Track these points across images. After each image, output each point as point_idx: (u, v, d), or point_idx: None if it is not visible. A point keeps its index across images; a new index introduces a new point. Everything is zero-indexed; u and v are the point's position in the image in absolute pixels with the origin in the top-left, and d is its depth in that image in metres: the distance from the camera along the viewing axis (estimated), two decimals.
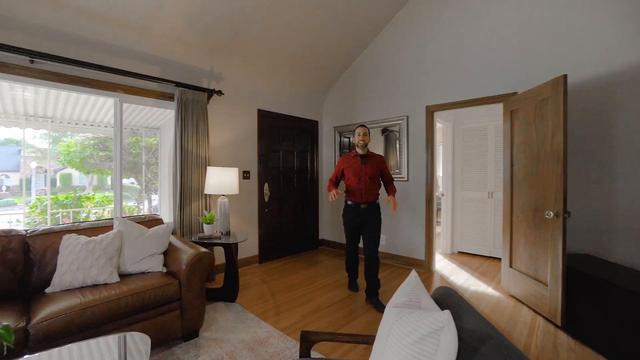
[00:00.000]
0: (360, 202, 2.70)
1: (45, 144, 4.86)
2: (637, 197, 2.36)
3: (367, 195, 2.70)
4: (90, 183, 7.76)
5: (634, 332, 1.76)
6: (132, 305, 1.73)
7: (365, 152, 2.78)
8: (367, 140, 2.75)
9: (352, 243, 2.86)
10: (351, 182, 2.74)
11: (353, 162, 2.78)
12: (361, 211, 2.71)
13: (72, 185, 7.50)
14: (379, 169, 2.76)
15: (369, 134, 2.80)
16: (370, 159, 2.76)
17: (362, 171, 2.71)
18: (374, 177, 2.72)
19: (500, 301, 2.76)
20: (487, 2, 3.10)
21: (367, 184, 2.70)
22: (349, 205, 2.79)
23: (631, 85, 2.36)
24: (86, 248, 1.84)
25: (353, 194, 2.74)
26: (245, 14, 2.88)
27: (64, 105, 3.66)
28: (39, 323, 1.47)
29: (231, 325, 2.27)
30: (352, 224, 2.78)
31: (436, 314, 0.80)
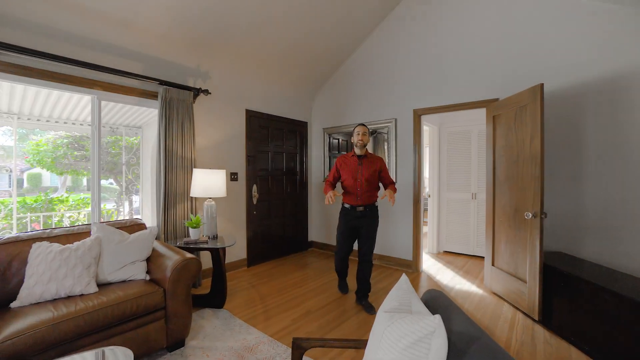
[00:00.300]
0: (357, 205, 2.60)
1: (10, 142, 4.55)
2: (603, 198, 2.51)
3: (363, 198, 2.59)
4: (63, 184, 7.37)
5: (600, 323, 1.87)
6: (112, 316, 1.64)
7: (364, 152, 2.66)
8: (366, 140, 2.62)
9: (346, 246, 2.74)
10: (347, 184, 2.64)
11: (350, 162, 2.67)
12: (357, 214, 2.61)
13: (43, 186, 7.10)
14: (377, 171, 2.63)
15: (369, 134, 2.68)
16: (368, 160, 2.64)
17: (358, 172, 2.60)
18: (371, 179, 2.60)
19: (483, 299, 2.85)
20: (471, 12, 3.20)
21: (364, 186, 2.58)
22: (345, 207, 2.70)
23: (598, 95, 2.53)
24: (60, 257, 1.73)
25: (349, 196, 2.64)
26: (233, 11, 2.82)
27: (33, 100, 3.44)
28: (3, 342, 1.33)
29: (219, 333, 2.21)
30: (347, 227, 2.67)
31: (427, 319, 0.81)
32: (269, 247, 4.13)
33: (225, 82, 3.51)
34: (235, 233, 3.67)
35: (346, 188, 2.66)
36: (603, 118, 2.52)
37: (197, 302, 2.66)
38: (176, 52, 2.98)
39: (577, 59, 2.62)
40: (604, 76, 2.50)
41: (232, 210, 3.64)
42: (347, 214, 2.67)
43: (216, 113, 3.45)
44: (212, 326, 2.31)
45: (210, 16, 2.77)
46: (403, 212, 3.72)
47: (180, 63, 3.05)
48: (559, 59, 2.70)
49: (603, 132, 2.52)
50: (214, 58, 3.27)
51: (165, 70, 2.95)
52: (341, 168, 2.69)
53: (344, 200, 2.70)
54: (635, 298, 1.66)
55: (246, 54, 3.40)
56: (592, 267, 2.27)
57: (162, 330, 1.89)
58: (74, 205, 4.92)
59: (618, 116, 2.46)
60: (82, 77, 2.44)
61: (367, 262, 2.63)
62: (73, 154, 5.05)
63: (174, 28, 2.75)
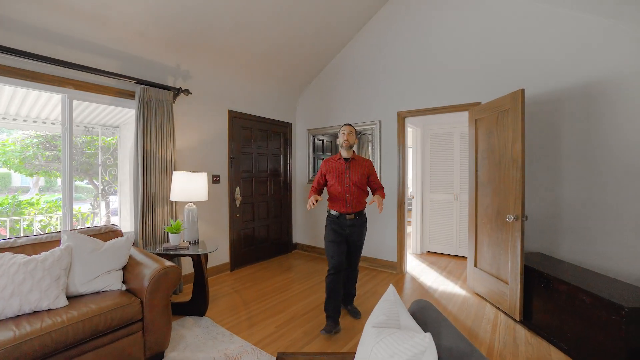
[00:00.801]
0: (346, 213, 2.36)
1: None
2: (578, 200, 2.61)
3: (352, 205, 2.36)
4: (35, 184, 6.95)
5: (577, 322, 1.93)
6: (83, 332, 1.54)
7: (351, 155, 2.43)
8: (353, 141, 2.40)
9: (339, 255, 2.34)
10: (334, 189, 2.39)
11: (336, 166, 2.43)
12: (347, 222, 2.36)
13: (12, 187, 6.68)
14: (366, 175, 2.43)
15: (355, 134, 2.45)
16: (355, 163, 2.42)
17: (346, 177, 2.37)
18: (359, 184, 2.38)
19: (466, 300, 2.90)
20: (455, 17, 3.24)
21: (352, 191, 2.36)
22: (332, 215, 2.42)
23: (574, 101, 2.62)
24: (24, 269, 1.60)
25: (337, 202, 2.39)
26: (215, 8, 2.72)
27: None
28: None
29: (200, 342, 2.13)
30: (336, 238, 2.36)
31: (417, 337, 0.79)
32: (252, 250, 4.05)
33: (206, 82, 3.40)
34: (218, 237, 3.57)
35: (333, 194, 2.41)
36: (578, 123, 2.62)
37: (178, 310, 2.56)
38: (155, 50, 2.85)
39: (555, 66, 2.70)
40: (580, 83, 2.59)
41: (215, 214, 3.54)
42: (335, 223, 2.39)
43: (197, 113, 3.33)
44: (193, 335, 2.22)
45: (191, 13, 2.67)
46: (387, 213, 3.74)
47: (159, 61, 2.93)
48: (539, 65, 2.78)
49: (578, 136, 2.62)
50: (195, 57, 3.16)
51: (143, 68, 2.82)
52: (327, 173, 2.45)
53: (331, 207, 2.43)
54: (609, 298, 1.73)
55: (229, 53, 3.30)
56: (569, 267, 2.35)
57: (139, 343, 1.80)
58: (45, 209, 4.64)
59: (591, 121, 2.56)
60: (51, 75, 2.29)
61: (354, 271, 2.55)
62: (44, 154, 4.75)
63: (152, 25, 2.63)
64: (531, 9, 2.80)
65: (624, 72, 2.43)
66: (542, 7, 2.74)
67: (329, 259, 2.37)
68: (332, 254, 2.35)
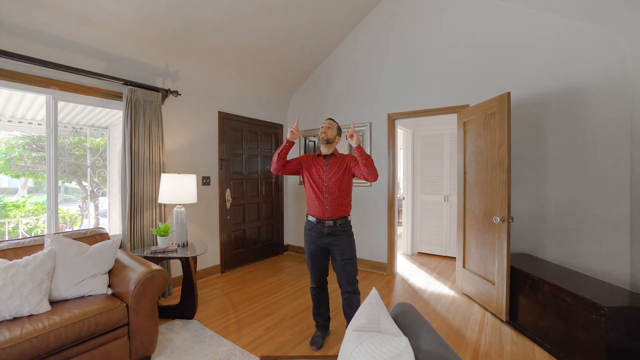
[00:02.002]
0: (324, 219, 2.02)
1: None
2: (562, 202, 2.68)
3: (332, 209, 2.02)
4: (23, 185, 6.81)
5: (560, 322, 1.97)
6: (65, 338, 1.52)
7: (331, 151, 2.12)
8: (330, 135, 2.07)
9: (318, 274, 2.15)
10: (311, 190, 2.08)
11: (315, 162, 2.12)
12: (326, 230, 2.03)
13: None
14: (349, 170, 2.05)
15: (336, 129, 2.13)
16: (336, 160, 2.09)
17: (324, 174, 2.06)
18: (342, 183, 2.03)
19: (455, 300, 2.93)
20: (444, 21, 3.28)
21: (333, 192, 2.02)
22: (309, 221, 2.11)
23: (558, 103, 2.68)
24: (4, 274, 1.56)
25: (314, 206, 2.07)
26: (204, 9, 2.71)
27: None
28: None
29: (188, 346, 2.12)
30: (314, 247, 2.09)
31: (394, 341, 0.81)
32: (243, 252, 4.03)
33: (196, 83, 3.37)
34: (208, 239, 3.55)
35: (310, 196, 2.11)
36: (563, 126, 2.68)
37: (166, 313, 2.54)
38: (143, 50, 2.82)
39: (541, 69, 2.76)
40: (564, 86, 2.65)
41: (204, 216, 3.51)
42: (313, 230, 2.08)
43: (187, 115, 3.31)
44: (181, 339, 2.21)
45: (179, 13, 2.65)
46: (378, 215, 3.76)
47: (147, 62, 2.90)
48: (525, 68, 2.83)
49: (563, 139, 2.68)
50: (184, 58, 3.13)
51: (130, 69, 2.79)
52: (305, 167, 2.13)
53: (308, 212, 2.14)
54: (590, 298, 1.77)
55: (218, 54, 3.29)
56: (553, 268, 2.40)
57: (125, 348, 1.78)
58: (31, 211, 4.54)
59: (575, 124, 2.62)
60: (35, 75, 2.25)
61: (352, 293, 2.05)
62: (30, 155, 4.66)
63: (140, 25, 2.60)
64: (517, 13, 2.85)
65: (604, 75, 2.49)
66: (528, 12, 2.80)
67: (310, 272, 2.16)
68: (310, 268, 2.14)
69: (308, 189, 2.13)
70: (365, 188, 3.86)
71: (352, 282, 2.05)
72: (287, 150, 2.04)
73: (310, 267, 2.16)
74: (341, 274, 2.06)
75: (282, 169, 2.07)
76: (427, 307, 2.78)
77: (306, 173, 2.13)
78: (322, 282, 2.19)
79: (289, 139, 2.02)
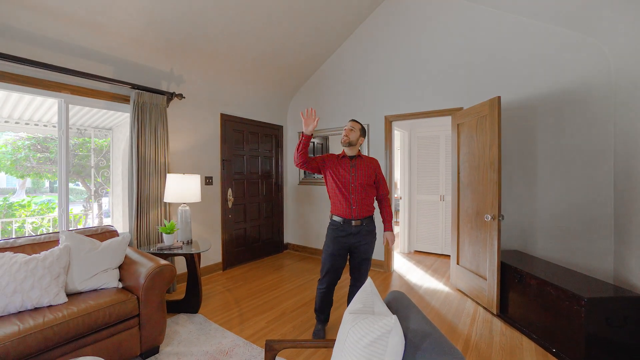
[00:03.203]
0: (352, 219, 2.06)
1: None
2: (552, 200, 2.80)
3: (359, 209, 2.07)
4: (22, 186, 6.91)
5: (546, 314, 2.10)
6: (82, 327, 1.63)
7: (355, 152, 2.17)
8: (353, 138, 2.11)
9: (334, 272, 2.14)
10: (338, 191, 2.10)
11: (341, 163, 2.13)
12: (352, 230, 2.06)
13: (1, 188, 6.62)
14: (374, 175, 2.15)
15: (359, 131, 2.14)
16: (362, 162, 2.16)
17: (352, 176, 2.09)
18: (367, 185, 2.11)
19: (449, 295, 3.05)
20: (440, 26, 3.41)
21: (359, 193, 2.07)
22: (335, 221, 2.12)
23: (547, 106, 2.82)
24: (25, 268, 1.68)
25: (341, 206, 2.09)
26: (207, 16, 2.82)
27: None
28: None
29: (194, 338, 2.23)
30: (338, 247, 2.08)
31: (385, 319, 0.92)
32: (244, 250, 4.14)
33: (200, 86, 3.49)
34: (211, 237, 3.66)
35: (336, 197, 2.13)
36: (551, 128, 2.81)
37: (172, 307, 2.65)
38: (149, 55, 2.93)
39: (531, 75, 2.88)
40: (553, 90, 2.79)
41: (207, 215, 3.63)
42: (339, 230, 2.09)
43: (190, 117, 3.42)
44: (187, 331, 2.32)
45: (185, 21, 2.76)
46: (376, 213, 3.87)
47: (153, 67, 3.01)
48: (516, 72, 2.96)
49: (551, 141, 2.81)
50: (189, 62, 3.25)
51: (137, 73, 2.90)
52: (330, 168, 2.14)
53: (333, 212, 2.16)
54: (571, 290, 1.89)
55: (221, 58, 3.41)
56: (541, 263, 2.53)
57: (135, 337, 1.89)
58: (37, 211, 4.64)
59: (562, 127, 2.75)
60: (48, 80, 2.36)
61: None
62: (35, 156, 4.76)
63: (147, 32, 2.72)
64: (509, 21, 2.98)
65: (589, 81, 2.62)
66: (519, 19, 2.93)
67: (323, 272, 2.15)
68: (328, 269, 2.12)
69: (333, 189, 2.14)
70: None
71: (364, 277, 2.17)
72: (304, 145, 2.01)
73: (327, 267, 2.13)
74: (357, 269, 2.18)
75: (305, 164, 2.08)
76: (422, 302, 2.90)
77: (331, 173, 2.14)
78: (334, 284, 2.19)
79: (304, 132, 1.97)
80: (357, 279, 2.18)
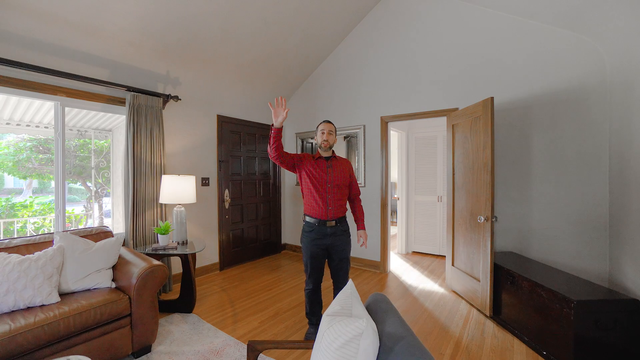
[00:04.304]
0: (327, 220, 2.08)
1: None
2: (547, 201, 2.78)
3: (334, 209, 2.09)
4: (29, 186, 7.03)
5: (537, 316, 2.08)
6: (74, 326, 1.66)
7: (330, 154, 2.20)
8: (333, 141, 2.15)
9: (316, 275, 2.16)
10: (313, 192, 2.10)
11: (318, 164, 2.14)
12: (328, 231, 2.08)
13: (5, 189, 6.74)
14: (348, 176, 2.21)
15: (335, 133, 2.19)
16: (338, 162, 2.19)
17: (328, 176, 2.11)
18: (343, 185, 2.15)
19: (443, 297, 3.05)
20: (434, 28, 3.40)
21: (335, 194, 2.10)
22: (309, 223, 2.12)
23: (543, 107, 2.79)
24: (19, 268, 1.71)
25: (315, 207, 2.10)
26: (203, 19, 2.85)
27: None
28: None
29: (187, 337, 2.26)
30: (316, 249, 2.10)
31: (357, 322, 0.93)
32: (241, 251, 4.17)
33: (196, 88, 3.52)
34: (207, 238, 3.69)
35: (311, 198, 2.12)
36: (546, 129, 2.79)
37: (167, 307, 2.68)
38: (145, 58, 2.97)
39: (526, 75, 2.86)
40: (548, 90, 2.76)
41: (204, 215, 3.66)
42: (314, 231, 2.10)
43: (187, 119, 3.45)
44: (180, 331, 2.35)
45: (180, 24, 2.79)
46: (371, 215, 3.88)
47: (149, 69, 3.04)
48: (511, 73, 2.94)
49: (546, 141, 2.79)
50: (185, 64, 3.28)
51: (133, 76, 2.94)
52: (305, 169, 2.14)
53: (308, 213, 2.15)
54: (561, 292, 1.88)
55: (217, 60, 3.43)
56: (534, 265, 2.51)
57: (127, 336, 1.92)
58: (38, 211, 4.72)
59: (557, 128, 2.73)
60: (44, 83, 2.40)
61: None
62: (37, 157, 4.84)
63: (143, 35, 2.75)
64: (504, 20, 2.97)
65: (587, 81, 2.60)
66: (515, 19, 2.91)
67: (307, 273, 2.18)
68: (309, 270, 2.16)
69: (310, 189, 2.12)
70: (360, 188, 3.98)
71: (346, 278, 2.17)
72: (275, 139, 1.95)
73: (309, 269, 2.15)
74: (337, 271, 2.17)
75: (279, 158, 2.03)
76: (415, 304, 2.90)
77: (307, 173, 2.12)
78: (319, 283, 2.21)
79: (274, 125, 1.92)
80: (340, 281, 2.17)
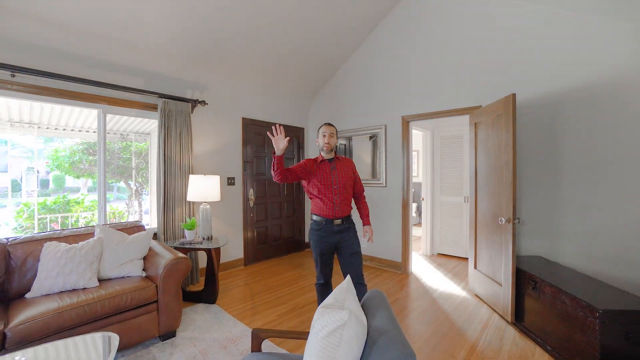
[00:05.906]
0: (334, 218, 2.15)
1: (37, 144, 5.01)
2: (581, 203, 2.56)
3: (341, 208, 2.17)
4: (84, 185, 7.93)
5: (561, 324, 1.95)
6: (109, 307, 1.88)
7: (332, 155, 2.26)
8: (334, 144, 2.22)
9: (326, 271, 2.23)
10: (320, 192, 2.17)
11: (321, 167, 2.20)
12: (335, 229, 2.15)
13: (66, 186, 7.64)
14: (352, 175, 2.28)
15: (336, 136, 2.27)
16: (341, 163, 2.26)
17: (333, 177, 2.19)
18: (347, 185, 2.22)
19: (464, 300, 2.94)
20: (456, 22, 3.29)
21: (342, 194, 2.18)
22: (317, 221, 2.19)
23: (575, 104, 2.58)
24: (66, 255, 1.99)
25: (322, 207, 2.17)
26: (228, 25, 3.02)
27: (50, 112, 3.81)
28: (17, 326, 1.59)
29: (208, 326, 2.43)
30: (324, 247, 2.16)
31: (340, 313, 0.98)
32: (265, 248, 4.34)
33: (221, 93, 3.74)
34: (232, 234, 3.90)
35: (320, 198, 2.18)
36: (578, 126, 2.57)
37: (192, 297, 2.89)
38: (175, 66, 3.23)
39: (555, 69, 2.67)
40: (578, 85, 2.55)
41: (230, 213, 3.87)
42: (322, 230, 2.17)
43: (213, 122, 3.68)
44: (202, 319, 2.53)
45: (206, 30, 3.00)
46: (392, 214, 3.84)
47: (178, 77, 3.30)
48: (537, 67, 2.76)
49: (576, 140, 2.57)
50: (211, 70, 3.51)
51: (164, 83, 3.21)
52: (312, 174, 2.19)
53: (315, 212, 2.21)
54: (586, 300, 1.75)
55: (242, 64, 3.62)
56: (563, 271, 2.34)
57: (154, 321, 2.12)
58: (89, 207, 5.30)
59: (591, 124, 2.50)
60: (89, 94, 2.72)
61: (360, 285, 2.15)
62: (88, 159, 5.43)
63: (172, 45, 3.00)
64: (530, 11, 2.79)
65: (623, 73, 2.36)
66: (541, 9, 2.73)
67: (318, 269, 2.24)
68: (319, 266, 2.23)
69: (316, 192, 2.18)
70: (381, 188, 3.96)
71: (359, 274, 2.17)
72: (279, 164, 1.98)
73: (319, 265, 2.23)
74: (349, 267, 2.17)
75: (284, 180, 2.06)
76: (433, 305, 2.83)
77: (313, 179, 2.18)
78: (329, 277, 2.27)
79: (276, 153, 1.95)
80: (353, 277, 2.14)
